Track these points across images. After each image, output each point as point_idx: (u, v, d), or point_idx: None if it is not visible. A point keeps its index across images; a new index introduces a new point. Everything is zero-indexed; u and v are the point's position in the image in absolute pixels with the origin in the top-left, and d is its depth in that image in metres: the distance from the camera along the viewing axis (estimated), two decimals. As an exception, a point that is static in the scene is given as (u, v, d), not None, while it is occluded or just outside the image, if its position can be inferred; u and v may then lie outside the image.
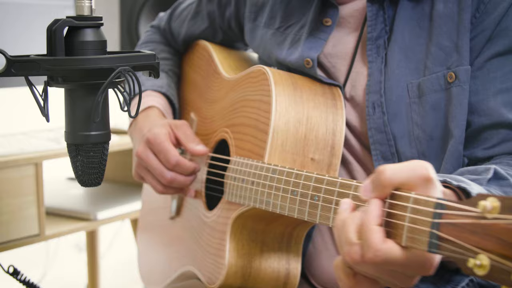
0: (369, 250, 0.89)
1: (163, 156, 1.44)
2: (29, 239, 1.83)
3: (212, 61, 1.60)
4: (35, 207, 1.83)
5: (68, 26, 1.12)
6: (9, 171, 1.77)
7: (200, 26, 1.68)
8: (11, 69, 1.10)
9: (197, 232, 1.49)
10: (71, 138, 1.16)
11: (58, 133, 2.04)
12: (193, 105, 1.64)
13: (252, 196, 1.27)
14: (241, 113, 1.39)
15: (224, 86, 1.51)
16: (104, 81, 1.12)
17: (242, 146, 1.36)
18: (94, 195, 2.27)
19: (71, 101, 1.15)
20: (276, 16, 1.47)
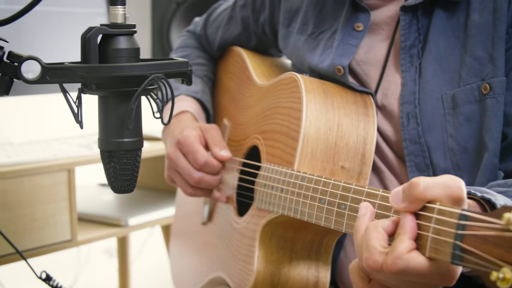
0: (392, 258, 0.90)
1: (191, 157, 1.45)
2: (61, 245, 1.85)
3: (246, 68, 1.60)
4: (68, 213, 1.84)
5: (102, 33, 1.13)
6: (42, 177, 1.78)
7: (234, 31, 1.69)
8: (46, 76, 1.11)
9: (228, 238, 1.49)
10: (104, 144, 1.17)
11: (90, 140, 2.05)
12: (227, 111, 1.65)
13: (281, 203, 1.27)
14: (272, 120, 1.39)
15: (257, 92, 1.51)
16: (137, 88, 1.13)
17: (272, 153, 1.36)
18: (125, 201, 2.28)
19: (105, 108, 1.16)
20: (309, 22, 1.47)
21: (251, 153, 1.49)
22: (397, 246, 0.91)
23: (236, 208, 1.49)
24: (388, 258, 0.91)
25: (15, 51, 1.13)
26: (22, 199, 1.75)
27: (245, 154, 1.50)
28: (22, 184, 1.74)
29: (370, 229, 0.95)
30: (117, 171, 1.18)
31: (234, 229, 1.47)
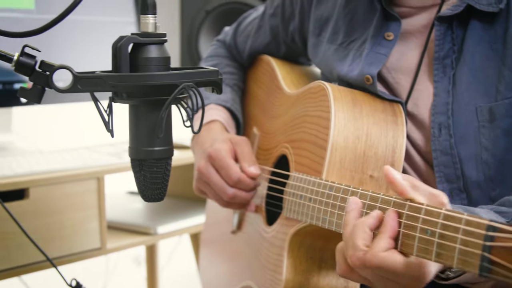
0: (370, 254, 1.00)
1: (224, 173, 1.44)
2: (91, 253, 1.85)
3: (275, 77, 1.60)
4: (97, 221, 1.85)
5: (133, 42, 1.14)
6: (72, 185, 1.79)
7: (263, 40, 1.69)
8: (77, 85, 1.12)
9: (257, 247, 1.49)
10: (135, 153, 1.18)
11: (119, 148, 2.06)
12: (256, 119, 1.64)
13: (309, 212, 1.27)
14: (301, 129, 1.38)
15: (286, 101, 1.51)
16: (168, 97, 1.13)
17: (301, 162, 1.36)
18: (154, 210, 2.29)
19: (135, 117, 1.16)
20: (339, 32, 1.46)
21: (280, 162, 1.48)
22: (376, 243, 1.01)
23: (265, 217, 1.49)
24: (367, 253, 1.01)
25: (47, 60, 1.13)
26: (52, 207, 1.76)
27: (274, 163, 1.49)
28: (52, 192, 1.75)
29: (358, 227, 1.05)
30: (147, 180, 1.18)
31: (263, 238, 1.46)
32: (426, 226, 0.96)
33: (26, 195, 1.71)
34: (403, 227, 1.01)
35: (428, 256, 0.96)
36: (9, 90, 1.93)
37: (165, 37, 1.16)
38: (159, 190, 1.20)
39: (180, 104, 1.16)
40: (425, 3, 1.35)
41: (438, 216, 0.95)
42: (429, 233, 0.96)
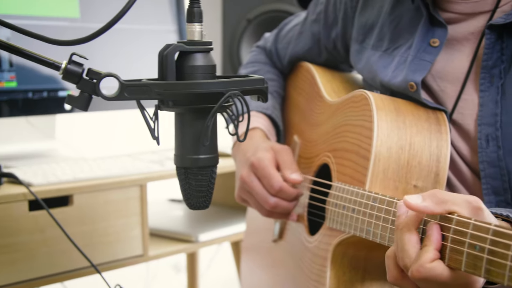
0: (416, 266, 1.00)
1: (267, 182, 1.44)
2: (133, 260, 1.86)
3: (315, 84, 1.59)
4: (139, 228, 1.86)
5: (179, 50, 1.14)
6: (115, 193, 1.80)
7: (304, 46, 1.68)
8: (124, 93, 1.12)
9: (299, 256, 1.48)
10: (180, 161, 1.18)
11: (161, 155, 2.07)
12: (297, 127, 1.64)
13: (352, 223, 1.26)
14: (343, 138, 1.37)
15: (327, 109, 1.50)
16: (213, 105, 1.13)
17: (343, 171, 1.35)
18: (195, 217, 2.29)
19: (181, 124, 1.17)
20: (384, 38, 1.45)
21: (322, 171, 1.47)
22: (422, 255, 1.00)
23: (307, 226, 1.48)
24: (413, 265, 1.00)
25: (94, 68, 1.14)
26: (95, 213, 1.77)
27: (316, 172, 1.48)
28: (95, 199, 1.77)
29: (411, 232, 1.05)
30: (192, 188, 1.18)
31: (305, 248, 1.45)
32: (474, 241, 0.95)
33: (70, 201, 1.73)
34: (450, 242, 0.99)
35: (477, 272, 0.94)
36: (53, 97, 1.95)
37: (211, 45, 1.17)
38: (204, 198, 1.20)
39: (225, 112, 1.16)
40: (476, 10, 1.33)
41: (487, 231, 0.93)
42: (477, 248, 0.94)
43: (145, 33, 2.15)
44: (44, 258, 1.68)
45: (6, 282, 1.62)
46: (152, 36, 2.18)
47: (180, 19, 2.24)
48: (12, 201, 1.61)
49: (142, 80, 1.15)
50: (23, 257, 1.64)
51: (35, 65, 1.91)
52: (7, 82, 1.86)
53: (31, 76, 1.91)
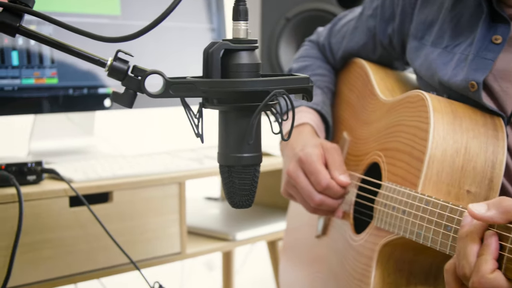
0: (478, 277, 0.99)
1: (314, 178, 1.43)
2: (171, 257, 1.86)
3: (369, 81, 1.57)
4: (178, 225, 1.86)
5: (224, 48, 1.14)
6: (154, 190, 1.81)
7: (359, 41, 1.65)
8: (169, 90, 1.12)
9: (343, 254, 1.47)
10: (224, 159, 1.17)
11: (200, 153, 2.07)
12: (346, 124, 1.62)
13: (402, 225, 1.24)
14: (395, 138, 1.36)
15: (380, 108, 1.48)
16: (258, 103, 1.13)
17: (394, 171, 1.33)
18: (231, 216, 2.29)
19: (225, 123, 1.16)
20: (445, 35, 1.42)
21: (371, 170, 1.46)
22: (481, 266, 0.99)
23: (352, 224, 1.47)
24: (474, 277, 0.99)
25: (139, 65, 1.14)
26: (134, 210, 1.78)
27: (365, 170, 1.47)
28: (135, 196, 1.77)
29: (474, 241, 1.03)
30: (235, 186, 1.18)
31: (350, 245, 1.44)
32: None
33: (110, 198, 1.73)
34: (508, 252, 0.98)
35: None
36: (93, 94, 1.96)
37: (256, 43, 1.16)
38: (247, 196, 1.19)
39: (270, 110, 1.16)
40: None
41: None
42: None
43: (182, 30, 2.15)
44: (84, 254, 1.69)
45: (47, 277, 1.63)
46: (191, 34, 2.18)
47: (219, 17, 2.24)
48: (53, 196, 1.63)
49: (186, 77, 1.15)
50: (63, 252, 1.65)
51: (76, 62, 1.93)
52: (48, 79, 1.87)
53: (72, 73, 1.92)
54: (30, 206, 1.59)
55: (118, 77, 1.13)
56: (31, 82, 1.84)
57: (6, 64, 1.79)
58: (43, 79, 1.86)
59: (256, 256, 3.33)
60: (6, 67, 1.79)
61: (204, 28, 2.21)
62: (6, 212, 1.55)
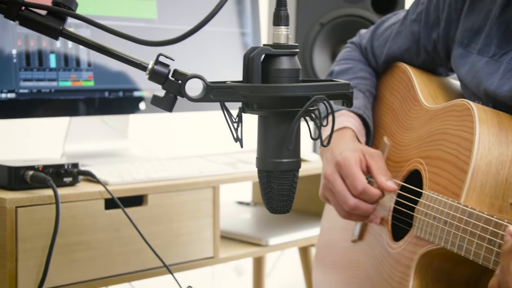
0: None
1: (350, 182, 1.42)
2: (204, 261, 1.86)
3: (412, 87, 1.55)
4: (211, 230, 1.86)
5: (265, 54, 1.14)
6: (188, 194, 1.81)
7: (402, 46, 1.63)
8: (209, 95, 1.12)
9: (379, 260, 1.46)
10: (263, 164, 1.17)
11: (233, 158, 2.07)
12: (387, 129, 1.60)
13: (443, 236, 1.23)
14: (438, 146, 1.34)
15: (423, 114, 1.47)
16: (298, 109, 1.12)
17: (436, 181, 1.32)
18: (263, 221, 2.29)
19: (265, 128, 1.16)
20: (492, 44, 1.40)
21: (410, 177, 1.45)
22: None
23: (390, 231, 1.46)
24: None
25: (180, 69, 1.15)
26: (169, 214, 1.78)
27: (404, 177, 1.46)
28: (169, 199, 1.78)
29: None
30: (274, 191, 1.18)
31: (387, 252, 1.43)
32: None
33: (144, 201, 1.74)
34: None
35: None
36: (129, 97, 1.97)
37: (296, 49, 1.16)
38: (285, 202, 1.19)
39: (309, 116, 1.16)
40: None
41: None
42: None
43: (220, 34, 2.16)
44: (118, 256, 1.69)
45: (81, 279, 1.64)
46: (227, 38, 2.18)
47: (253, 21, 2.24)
48: (89, 199, 1.63)
49: (226, 82, 1.15)
50: (98, 254, 1.66)
51: (112, 65, 1.94)
52: (84, 81, 1.89)
53: (108, 75, 1.93)
54: (66, 208, 1.59)
55: (158, 80, 1.14)
56: (67, 85, 1.86)
57: (44, 67, 1.81)
58: (79, 82, 1.88)
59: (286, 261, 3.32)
60: (44, 70, 1.81)
61: (236, 33, 2.21)
62: (43, 213, 1.56)
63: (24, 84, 1.78)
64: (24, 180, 1.58)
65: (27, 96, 1.79)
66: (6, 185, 1.59)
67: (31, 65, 1.79)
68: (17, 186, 1.58)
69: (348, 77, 1.65)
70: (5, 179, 1.59)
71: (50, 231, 1.54)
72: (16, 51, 1.76)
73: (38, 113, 1.83)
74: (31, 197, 1.55)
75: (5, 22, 1.74)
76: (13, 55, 1.76)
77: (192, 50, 2.08)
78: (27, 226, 1.54)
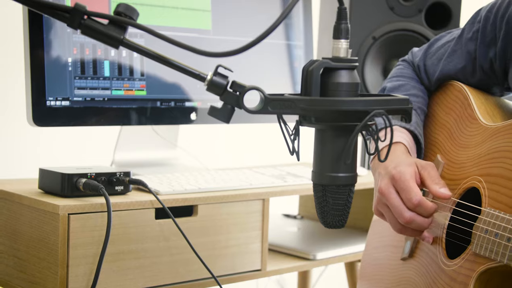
0: None
1: (405, 195, 1.40)
2: (252, 274, 1.86)
3: (469, 105, 1.53)
4: (259, 242, 1.85)
5: (324, 67, 1.13)
6: (238, 205, 1.80)
7: (457, 65, 1.61)
8: (267, 107, 1.12)
9: (432, 278, 1.43)
10: (319, 178, 1.17)
11: (282, 170, 2.06)
12: (441, 147, 1.59)
13: (506, 253, 1.21)
14: (500, 164, 1.32)
15: (481, 132, 1.45)
16: (356, 123, 1.12)
17: (497, 198, 1.30)
18: (310, 234, 2.27)
19: (322, 141, 1.16)
20: None
21: (466, 195, 1.42)
22: None
23: (444, 248, 1.43)
24: None
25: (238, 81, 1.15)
26: (218, 225, 1.78)
27: (461, 195, 1.43)
28: (219, 210, 1.77)
29: None
30: (329, 206, 1.17)
31: (442, 270, 1.41)
32: None
33: (194, 211, 1.74)
34: None
35: None
36: (180, 107, 1.97)
37: (356, 63, 1.15)
38: (340, 216, 1.18)
39: (367, 130, 1.15)
40: None
41: None
42: None
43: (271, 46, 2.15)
44: (167, 266, 1.70)
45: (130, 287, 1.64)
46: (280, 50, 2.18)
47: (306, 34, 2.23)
48: (140, 208, 1.64)
49: (284, 95, 1.14)
50: (147, 263, 1.66)
51: (164, 75, 1.95)
52: (137, 91, 1.90)
53: (160, 85, 1.94)
54: (117, 216, 1.60)
55: (217, 91, 1.14)
56: (121, 93, 1.87)
57: (98, 75, 1.82)
58: (132, 91, 1.89)
59: (329, 276, 3.30)
60: (98, 78, 1.82)
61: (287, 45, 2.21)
62: (95, 221, 1.57)
63: (78, 92, 1.80)
64: (76, 187, 1.59)
65: (80, 104, 1.80)
66: (59, 192, 1.60)
67: (86, 73, 1.81)
68: (70, 193, 1.59)
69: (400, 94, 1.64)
70: (58, 186, 1.60)
71: (101, 239, 1.55)
72: (72, 60, 1.78)
73: (91, 121, 1.84)
74: (84, 204, 1.56)
75: (62, 31, 1.76)
76: (68, 63, 1.78)
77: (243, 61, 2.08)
78: (79, 233, 1.55)
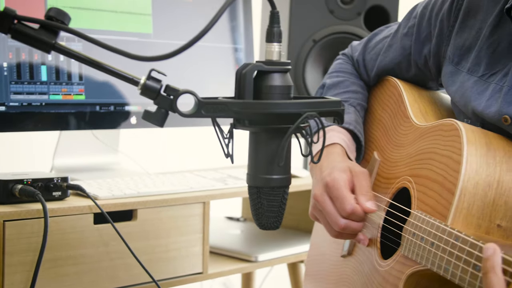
0: None
1: (339, 204, 1.41)
2: (193, 277, 1.86)
3: (402, 102, 1.54)
4: (200, 245, 1.85)
5: (257, 70, 1.14)
6: (178, 209, 1.80)
7: (393, 59, 1.62)
8: (201, 110, 1.12)
9: (368, 277, 1.45)
10: (253, 180, 1.18)
11: (223, 173, 2.06)
12: (378, 144, 1.60)
13: (430, 258, 1.22)
14: (427, 166, 1.34)
15: (412, 132, 1.46)
16: (289, 125, 1.13)
17: (424, 200, 1.32)
18: (252, 237, 2.28)
19: (255, 144, 1.17)
20: (481, 63, 1.39)
21: (400, 194, 1.44)
22: None
23: (379, 248, 1.45)
24: None
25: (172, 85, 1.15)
26: (158, 229, 1.77)
27: (394, 194, 1.45)
28: (158, 214, 1.77)
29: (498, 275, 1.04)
30: (264, 207, 1.18)
31: (376, 270, 1.43)
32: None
33: (134, 216, 1.73)
34: None
35: None
36: (120, 112, 1.96)
37: (289, 66, 1.16)
38: (275, 218, 1.19)
39: (300, 133, 1.16)
40: None
41: None
42: None
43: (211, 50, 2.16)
44: (106, 271, 1.68)
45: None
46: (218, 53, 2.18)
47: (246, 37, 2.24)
48: (78, 213, 1.62)
49: (218, 98, 1.15)
50: (86, 269, 1.65)
51: (103, 79, 1.94)
52: (76, 95, 1.88)
53: (99, 90, 1.92)
54: (55, 222, 1.59)
55: (150, 96, 1.14)
56: (58, 98, 1.85)
57: (35, 80, 1.80)
58: (70, 96, 1.87)
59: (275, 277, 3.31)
60: (35, 83, 1.80)
61: (229, 48, 2.21)
62: (31, 227, 1.55)
63: (14, 97, 1.78)
64: (12, 193, 1.57)
65: (17, 109, 1.78)
66: (-6, 199, 1.58)
67: (22, 78, 1.79)
68: (6, 200, 1.57)
69: (340, 91, 1.65)
70: (-7, 192, 1.58)
71: (38, 246, 1.53)
72: (7, 64, 1.76)
73: (28, 126, 1.82)
74: (19, 211, 1.54)
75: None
76: (3, 68, 1.75)
77: (185, 65, 2.08)
78: (15, 240, 1.53)
